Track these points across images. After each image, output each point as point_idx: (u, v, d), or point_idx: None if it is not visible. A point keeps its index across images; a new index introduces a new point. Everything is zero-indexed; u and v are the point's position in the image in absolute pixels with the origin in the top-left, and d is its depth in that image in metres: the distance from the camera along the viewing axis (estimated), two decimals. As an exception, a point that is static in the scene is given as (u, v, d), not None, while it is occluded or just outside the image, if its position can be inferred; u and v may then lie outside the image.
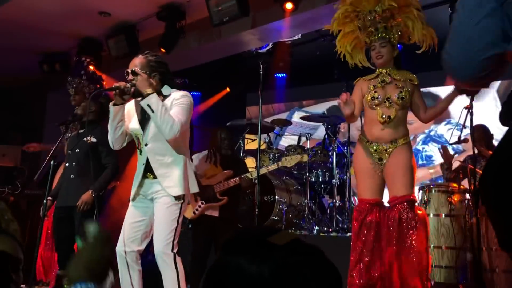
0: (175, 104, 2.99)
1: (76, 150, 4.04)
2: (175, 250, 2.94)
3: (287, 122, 6.36)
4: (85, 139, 3.96)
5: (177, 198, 2.98)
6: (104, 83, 5.44)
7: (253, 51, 6.97)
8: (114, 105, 2.98)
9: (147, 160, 3.04)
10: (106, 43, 6.34)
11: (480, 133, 4.65)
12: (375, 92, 3.32)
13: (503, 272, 3.71)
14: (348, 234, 4.45)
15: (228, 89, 8.13)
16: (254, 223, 3.80)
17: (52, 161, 4.42)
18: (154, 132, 3.02)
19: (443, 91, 6.67)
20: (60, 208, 4.05)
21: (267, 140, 5.86)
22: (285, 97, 8.29)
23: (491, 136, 4.82)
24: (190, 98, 3.08)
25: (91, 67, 6.12)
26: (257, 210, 3.55)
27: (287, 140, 7.35)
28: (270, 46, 6.89)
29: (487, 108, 6.39)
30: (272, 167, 4.53)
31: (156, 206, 3.03)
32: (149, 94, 2.88)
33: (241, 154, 5.91)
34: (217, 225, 4.27)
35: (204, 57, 6.46)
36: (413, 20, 3.29)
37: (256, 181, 3.86)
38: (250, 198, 4.92)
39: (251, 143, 6.43)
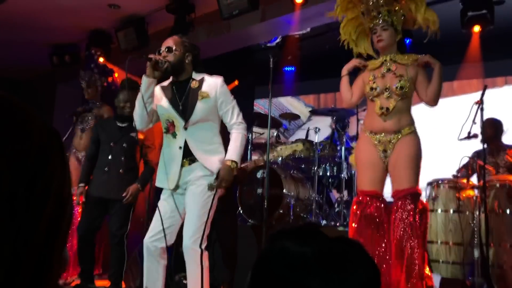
0: (225, 103, 3.07)
1: (124, 145, 3.96)
2: (203, 246, 2.89)
3: (295, 116, 6.35)
4: (132, 134, 3.90)
5: (210, 187, 2.92)
6: (116, 75, 5.47)
7: (262, 44, 6.96)
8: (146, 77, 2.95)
9: (185, 144, 2.97)
10: (116, 35, 6.35)
11: (491, 128, 4.62)
12: (373, 82, 3.23)
13: (511, 268, 3.70)
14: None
15: (236, 82, 8.12)
16: (262, 216, 3.80)
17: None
18: (198, 118, 2.96)
19: (453, 86, 6.63)
20: (98, 198, 3.95)
21: (275, 134, 5.85)
22: (293, 90, 8.27)
23: (502, 131, 4.78)
24: (225, 84, 3.15)
25: (101, 60, 6.16)
26: (265, 203, 3.56)
27: (302, 133, 7.32)
28: (279, 39, 6.87)
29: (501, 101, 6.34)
30: (260, 159, 4.15)
31: (188, 194, 2.96)
32: (232, 162, 2.93)
33: (249, 147, 5.91)
34: None
35: (213, 50, 6.45)
36: (416, 2, 3.20)
37: (264, 174, 3.85)
38: (258, 192, 4.92)
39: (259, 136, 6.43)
